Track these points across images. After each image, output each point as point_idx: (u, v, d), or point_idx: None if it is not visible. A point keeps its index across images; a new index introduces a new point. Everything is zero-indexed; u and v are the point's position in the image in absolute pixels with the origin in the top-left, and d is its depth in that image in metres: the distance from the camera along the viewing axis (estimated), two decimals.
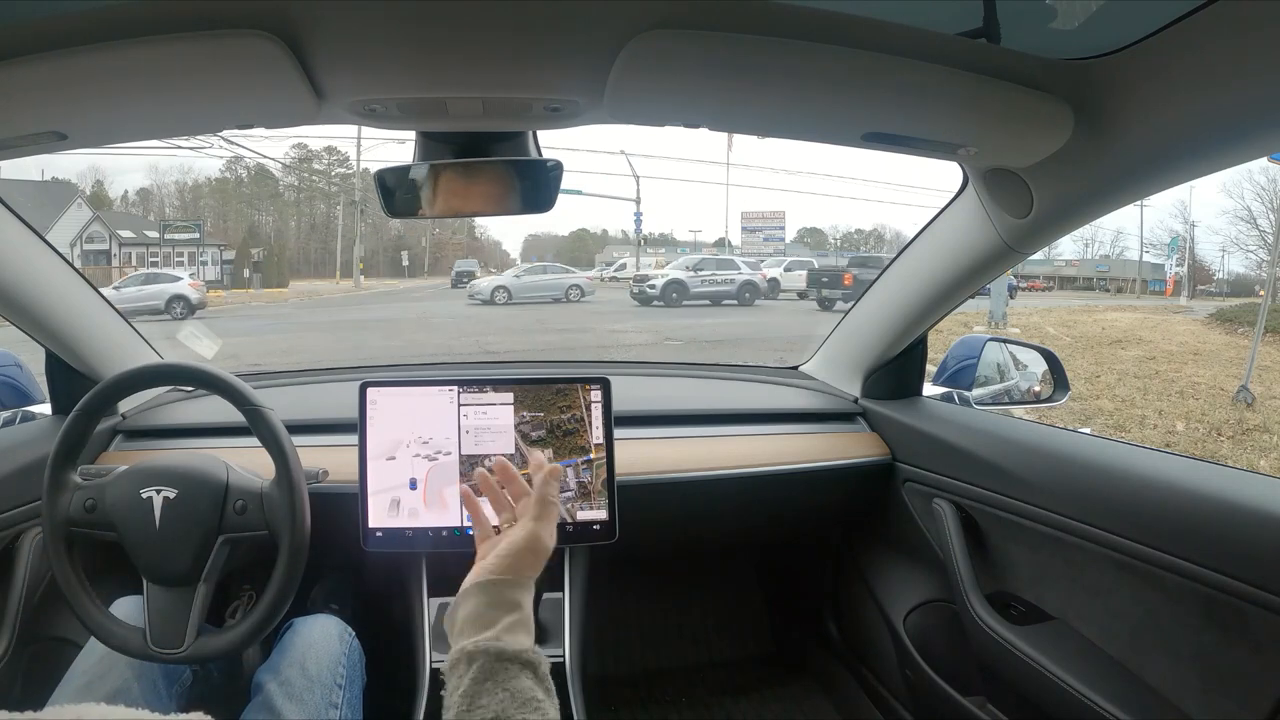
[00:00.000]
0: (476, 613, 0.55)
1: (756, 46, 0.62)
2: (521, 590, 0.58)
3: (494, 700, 0.49)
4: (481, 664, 0.51)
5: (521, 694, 0.50)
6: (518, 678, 0.51)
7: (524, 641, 0.54)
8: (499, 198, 0.86)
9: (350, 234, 26.94)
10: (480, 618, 0.55)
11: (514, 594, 0.57)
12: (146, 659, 0.83)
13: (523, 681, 0.51)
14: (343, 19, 0.60)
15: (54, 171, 23.68)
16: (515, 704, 0.49)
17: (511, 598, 0.57)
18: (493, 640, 0.52)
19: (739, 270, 15.69)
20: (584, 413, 1.07)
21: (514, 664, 0.52)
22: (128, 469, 0.88)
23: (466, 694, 0.50)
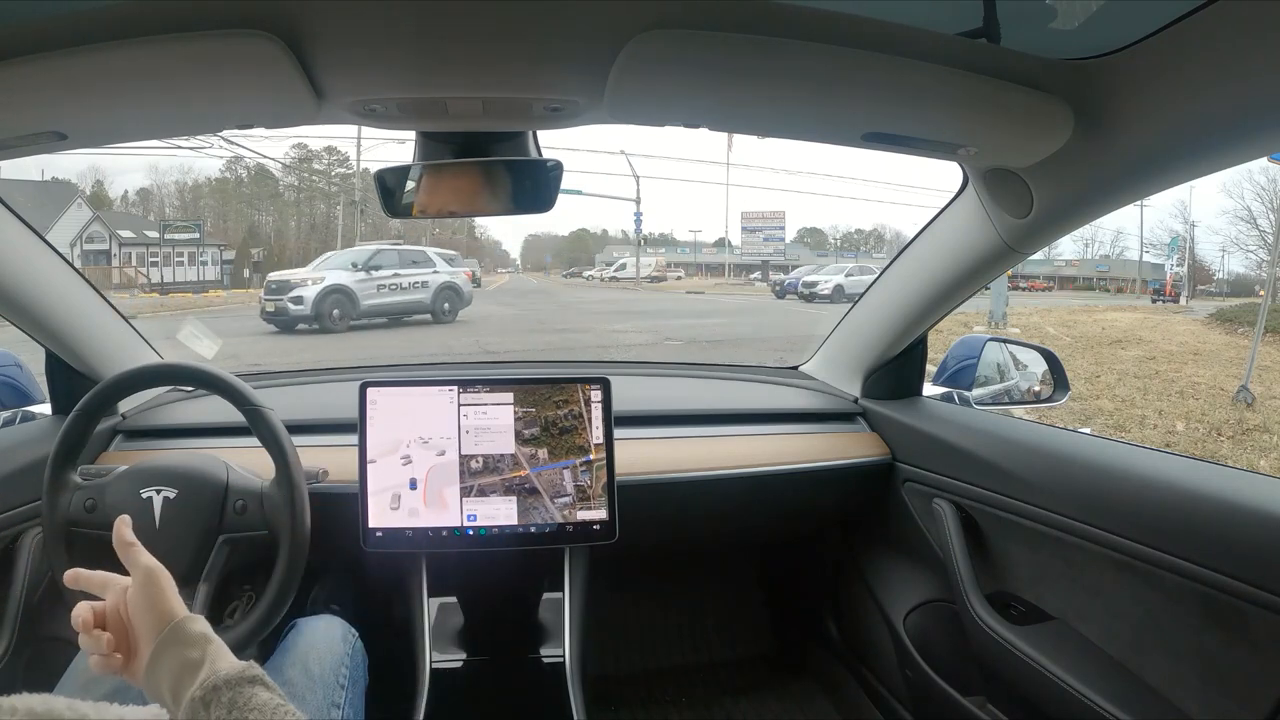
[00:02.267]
0: (177, 663, 0.54)
1: (756, 46, 0.62)
2: (190, 624, 0.56)
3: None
4: (218, 700, 0.51)
5: (267, 707, 0.51)
6: (255, 695, 0.51)
7: (236, 662, 0.54)
8: (499, 198, 0.86)
9: (350, 234, 26.92)
10: (184, 665, 0.54)
11: (190, 629, 0.56)
12: None
13: (261, 696, 0.51)
14: (343, 19, 0.60)
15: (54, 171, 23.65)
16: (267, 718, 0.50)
17: (192, 633, 0.55)
18: (210, 675, 0.52)
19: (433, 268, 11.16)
20: (583, 411, 1.07)
21: (244, 684, 0.52)
22: (128, 469, 0.88)
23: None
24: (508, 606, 1.18)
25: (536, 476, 1.05)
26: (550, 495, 1.05)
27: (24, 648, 0.97)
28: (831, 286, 16.91)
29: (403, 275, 10.88)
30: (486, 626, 1.17)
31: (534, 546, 1.05)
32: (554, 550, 1.13)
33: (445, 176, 0.84)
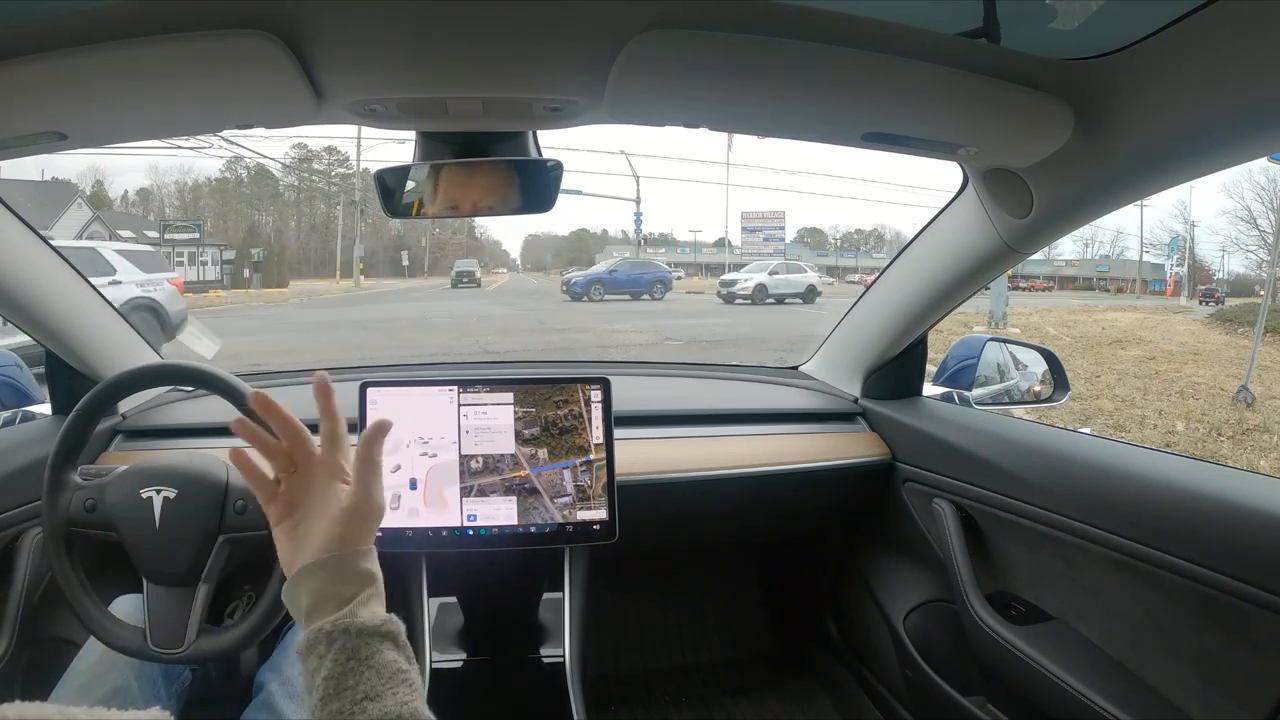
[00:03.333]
0: (325, 591, 0.52)
1: (756, 46, 0.62)
2: (368, 559, 0.55)
3: (361, 680, 0.48)
4: (342, 644, 0.49)
5: (388, 668, 0.49)
6: (380, 652, 0.50)
7: (380, 613, 0.53)
8: (499, 198, 0.86)
9: (350, 234, 26.95)
10: (331, 596, 0.52)
11: (362, 565, 0.54)
12: (146, 659, 0.83)
13: (386, 655, 0.50)
14: (343, 19, 0.60)
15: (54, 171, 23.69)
16: (383, 680, 0.49)
17: (361, 569, 0.54)
18: (348, 617, 0.51)
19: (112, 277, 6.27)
20: (583, 411, 1.07)
21: (375, 638, 0.50)
22: (128, 469, 0.88)
23: (331, 676, 0.49)
24: (508, 606, 1.18)
25: (536, 476, 1.05)
26: (550, 495, 1.05)
27: (24, 648, 0.97)
28: (753, 286, 16.02)
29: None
30: (486, 626, 1.17)
31: (534, 546, 1.05)
32: (554, 550, 1.13)
33: (445, 176, 0.84)
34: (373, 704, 0.47)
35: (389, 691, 0.48)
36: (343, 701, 0.48)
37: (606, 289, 16.65)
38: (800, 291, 16.63)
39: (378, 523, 0.57)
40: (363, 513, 0.56)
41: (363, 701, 0.47)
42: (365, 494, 0.56)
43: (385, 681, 0.49)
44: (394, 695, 0.48)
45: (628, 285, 16.89)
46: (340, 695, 0.48)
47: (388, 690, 0.48)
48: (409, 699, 0.49)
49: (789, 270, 17.78)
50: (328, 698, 0.48)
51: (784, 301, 15.92)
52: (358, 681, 0.48)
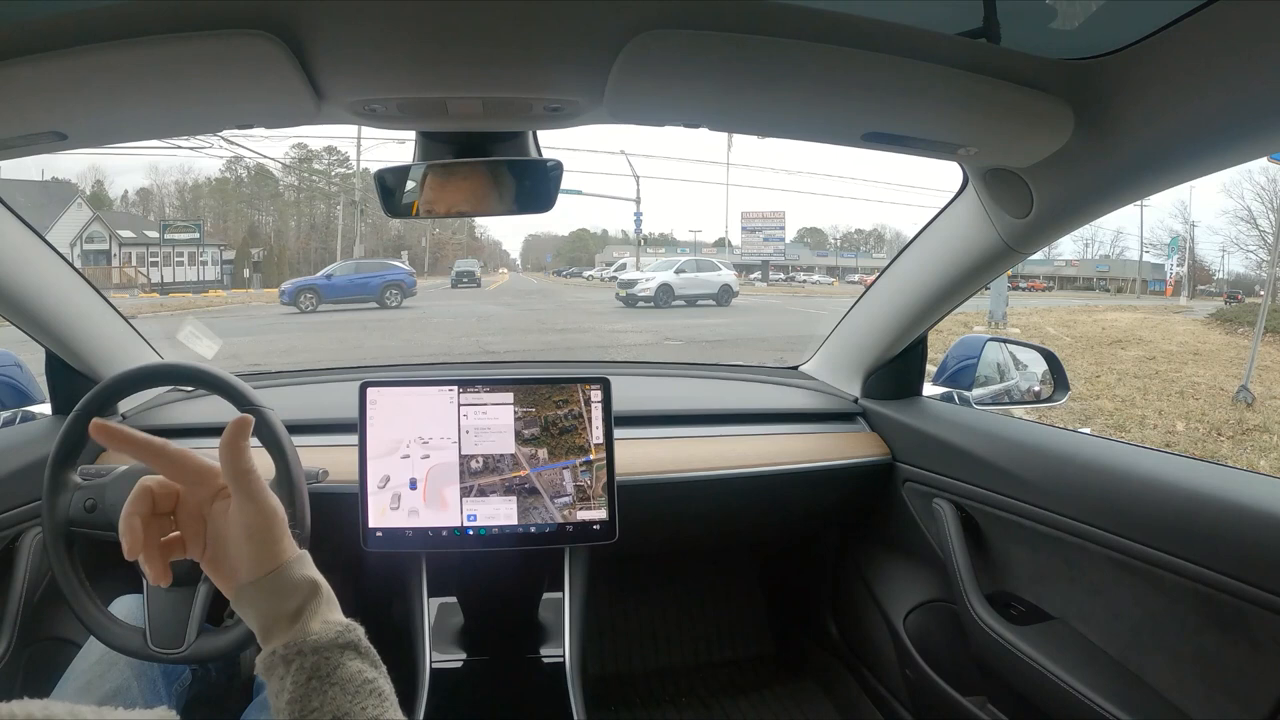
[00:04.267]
0: (271, 612, 0.48)
1: (756, 46, 0.62)
2: (302, 566, 0.50)
3: (326, 700, 0.45)
4: (298, 664, 0.46)
5: (352, 682, 0.46)
6: (342, 665, 0.46)
7: (335, 621, 0.49)
8: (499, 198, 0.86)
9: (350, 234, 26.95)
10: (279, 615, 0.48)
11: (297, 574, 0.49)
12: (146, 659, 0.83)
13: (349, 667, 0.47)
14: (343, 19, 0.60)
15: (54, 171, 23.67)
16: (349, 695, 0.45)
17: (298, 578, 0.49)
18: (301, 635, 0.47)
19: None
20: (583, 411, 1.07)
21: (334, 651, 0.47)
22: (128, 469, 0.88)
23: (294, 700, 0.45)
24: (508, 606, 1.18)
25: (536, 476, 1.05)
26: (550, 495, 1.05)
27: (24, 648, 0.97)
28: (655, 286, 13.90)
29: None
30: (486, 626, 1.17)
31: (534, 546, 1.05)
32: (554, 550, 1.13)
33: (445, 176, 0.84)
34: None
35: (357, 707, 0.45)
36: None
37: (322, 297, 13.46)
38: (713, 293, 14.80)
39: (282, 524, 0.51)
40: (261, 525, 0.49)
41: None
42: (254, 506, 0.50)
43: (352, 697, 0.46)
44: (363, 711, 0.45)
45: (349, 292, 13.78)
46: (308, 718, 0.45)
47: (355, 706, 0.45)
48: (380, 711, 0.46)
49: (700, 268, 15.92)
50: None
51: (696, 304, 14.30)
52: (323, 702, 0.45)
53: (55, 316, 1.08)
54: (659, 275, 14.91)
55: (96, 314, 1.17)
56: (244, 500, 0.50)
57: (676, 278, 14.75)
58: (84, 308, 1.14)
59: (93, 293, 1.15)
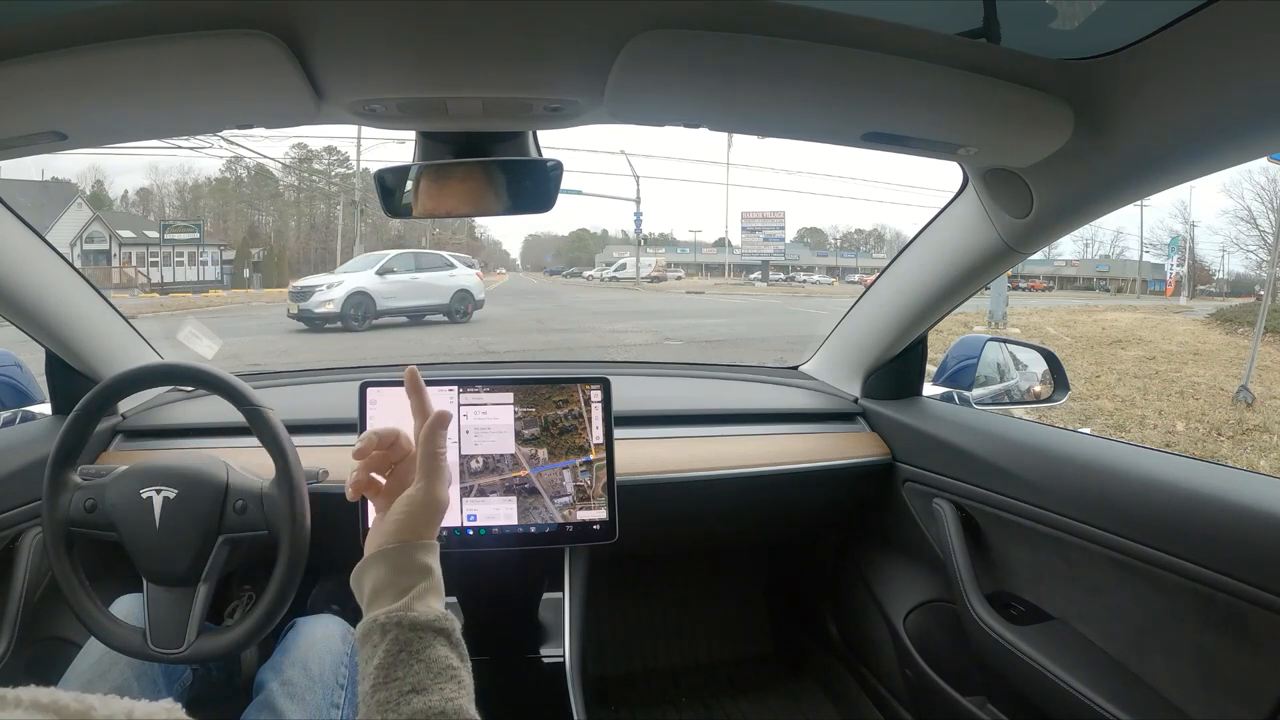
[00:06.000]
0: (385, 580, 0.54)
1: (756, 46, 0.62)
2: (427, 553, 0.56)
3: (410, 672, 0.49)
4: (395, 635, 0.50)
5: (437, 663, 0.50)
6: (432, 646, 0.50)
7: (435, 608, 0.53)
8: (499, 198, 0.86)
9: (350, 234, 26.95)
10: (389, 586, 0.53)
11: (420, 558, 0.55)
12: (146, 659, 0.83)
13: (438, 650, 0.51)
14: (343, 19, 0.60)
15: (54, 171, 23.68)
16: (431, 674, 0.49)
17: (419, 562, 0.55)
18: (403, 610, 0.51)
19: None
20: (583, 411, 1.07)
21: (428, 632, 0.51)
22: (128, 469, 0.88)
23: (382, 665, 0.49)
24: (508, 606, 1.18)
25: (536, 476, 1.05)
26: (550, 495, 1.05)
27: (24, 648, 0.97)
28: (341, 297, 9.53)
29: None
30: (486, 626, 1.16)
31: (534, 546, 1.05)
32: (554, 550, 1.13)
33: (445, 176, 0.84)
34: (419, 696, 0.48)
35: (436, 686, 0.49)
36: (390, 691, 0.48)
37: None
38: (442, 304, 10.70)
39: (440, 516, 0.57)
40: (423, 506, 0.56)
41: (409, 694, 0.48)
42: (426, 487, 0.57)
43: (434, 676, 0.49)
44: (441, 691, 0.49)
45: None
46: (389, 685, 0.48)
47: (435, 685, 0.49)
48: (455, 695, 0.49)
49: (420, 266, 11.15)
50: (377, 686, 0.49)
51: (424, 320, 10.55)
52: (406, 673, 0.49)
53: (55, 316, 1.08)
54: (350, 279, 10.16)
55: (96, 314, 1.17)
56: (423, 479, 0.57)
57: (380, 282, 10.26)
58: (84, 308, 1.14)
59: (93, 293, 1.15)
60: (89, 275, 1.16)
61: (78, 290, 1.12)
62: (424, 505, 0.56)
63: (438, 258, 12.12)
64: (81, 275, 1.12)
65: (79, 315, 1.13)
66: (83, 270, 1.16)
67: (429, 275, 11.12)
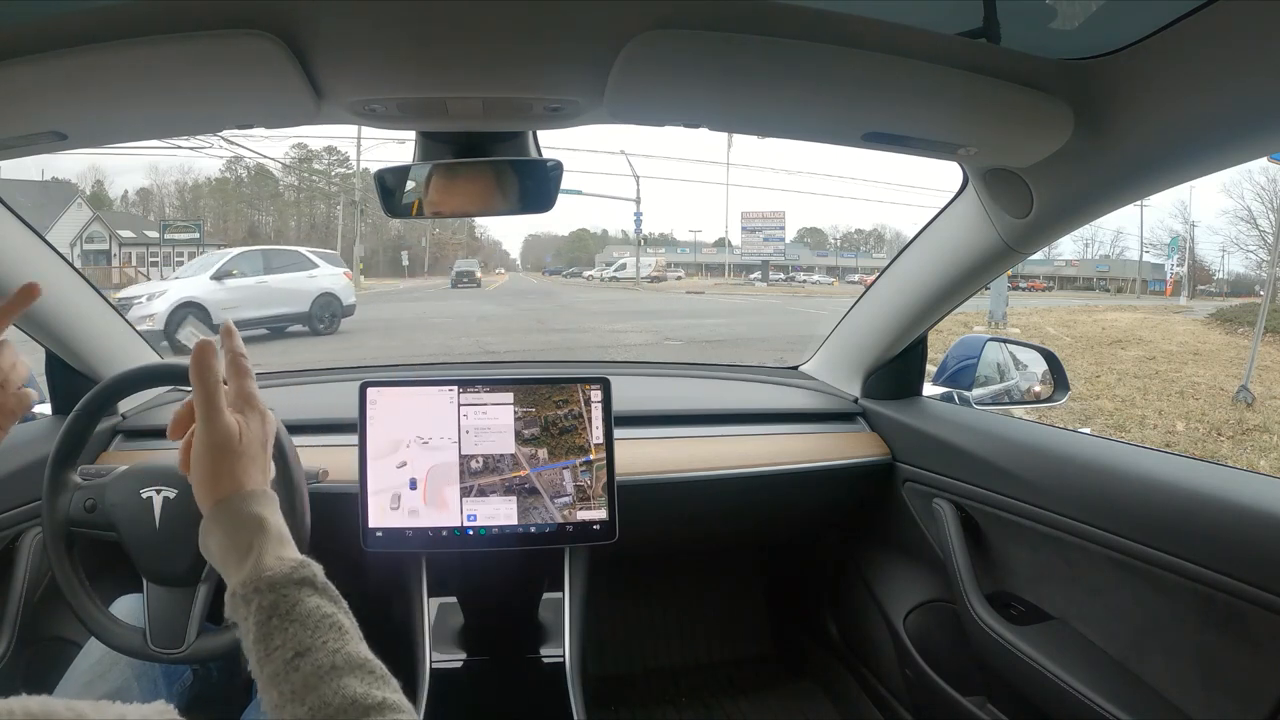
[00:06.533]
0: (224, 545, 0.48)
1: (757, 46, 0.62)
2: (253, 502, 0.49)
3: (287, 637, 0.44)
4: (257, 603, 0.45)
5: (311, 617, 0.45)
6: (300, 602, 0.46)
7: (288, 558, 0.48)
8: (499, 198, 0.86)
9: (350, 234, 26.96)
10: (230, 550, 0.48)
11: (248, 508, 0.49)
12: (146, 659, 0.83)
13: (307, 603, 0.46)
14: (343, 19, 0.60)
15: (54, 171, 23.68)
16: (309, 630, 0.45)
17: (248, 512, 0.48)
18: (253, 571, 0.46)
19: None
20: (583, 411, 1.07)
21: (289, 586, 0.46)
22: (128, 469, 0.88)
23: (258, 639, 0.45)
24: (508, 606, 1.18)
25: (536, 476, 1.05)
26: (550, 495, 1.05)
27: (24, 648, 0.97)
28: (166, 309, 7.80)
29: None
30: (486, 626, 1.17)
31: (534, 546, 1.05)
32: (554, 550, 1.13)
33: (445, 176, 0.84)
34: (304, 659, 0.44)
35: (318, 641, 0.44)
36: (275, 664, 0.44)
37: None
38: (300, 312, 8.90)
39: (235, 449, 0.50)
40: (211, 448, 0.49)
41: (294, 659, 0.44)
42: (205, 425, 0.49)
43: (311, 631, 0.45)
44: (324, 645, 0.44)
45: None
46: (271, 657, 0.44)
47: (316, 640, 0.44)
48: (340, 644, 0.45)
49: (269, 268, 9.13)
50: (261, 661, 0.45)
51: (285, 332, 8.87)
52: (284, 639, 0.44)
53: (55, 316, 1.08)
54: (176, 287, 8.43)
55: (96, 314, 1.17)
56: (201, 423, 0.49)
57: (216, 289, 8.42)
58: (84, 308, 1.14)
59: (93, 293, 1.15)
60: (89, 275, 1.16)
61: (78, 290, 1.12)
62: (208, 448, 0.49)
63: (294, 256, 9.87)
64: (81, 275, 1.12)
65: (79, 315, 1.13)
66: (83, 270, 1.16)
67: (282, 278, 9.08)
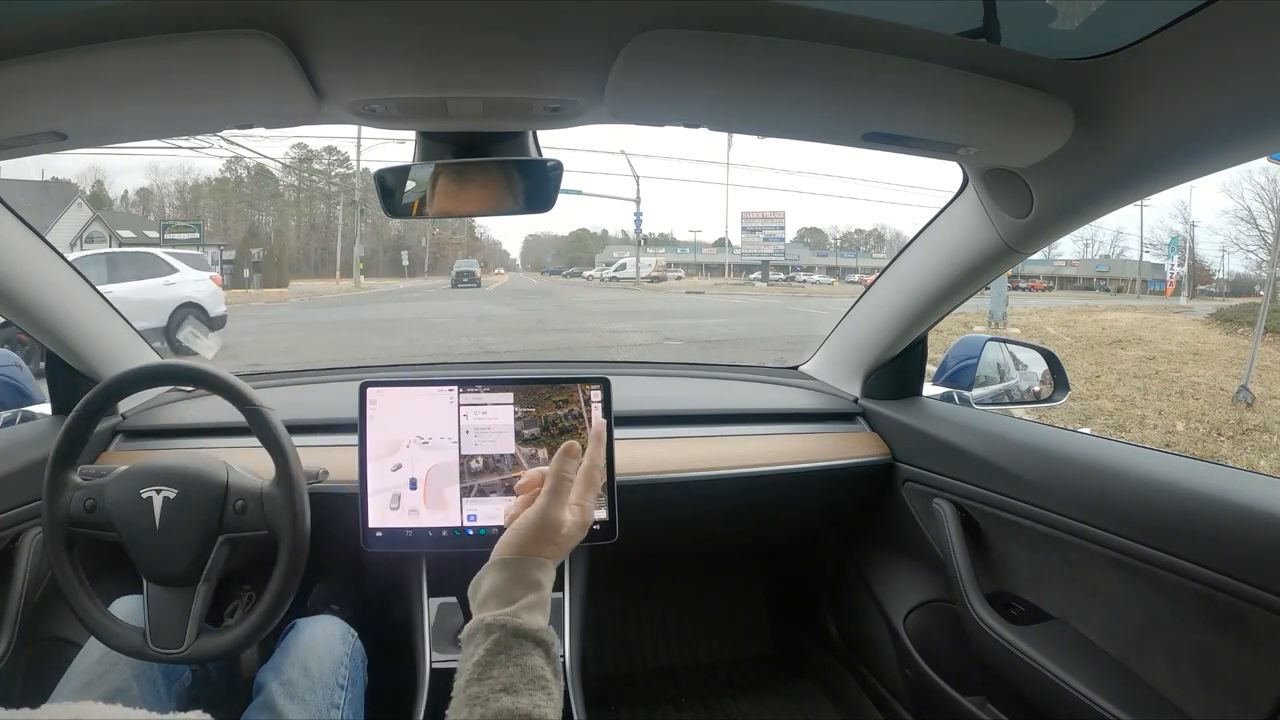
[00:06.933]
0: (498, 588, 0.57)
1: (757, 46, 0.62)
2: (541, 570, 0.58)
3: (504, 673, 0.52)
4: (497, 637, 0.53)
5: (531, 670, 0.52)
6: (530, 655, 0.53)
7: (539, 621, 0.56)
8: (499, 198, 0.86)
9: (350, 234, 26.98)
10: (502, 593, 0.56)
11: (534, 573, 0.58)
12: (146, 659, 0.83)
13: (534, 659, 0.53)
14: (343, 19, 0.60)
15: (54, 171, 23.73)
16: (524, 679, 0.52)
17: (532, 576, 0.57)
18: (510, 616, 0.54)
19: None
20: (583, 411, 1.07)
21: (528, 641, 0.53)
22: (128, 469, 0.88)
23: (480, 663, 0.52)
24: None
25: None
26: None
27: (24, 648, 0.97)
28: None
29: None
30: None
31: None
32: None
33: (445, 177, 0.84)
34: (509, 697, 0.50)
35: (527, 691, 0.51)
36: (483, 687, 0.51)
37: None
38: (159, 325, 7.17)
39: (553, 536, 0.60)
40: (539, 525, 0.59)
41: (500, 693, 0.51)
42: (545, 508, 0.60)
43: (526, 682, 0.52)
44: (531, 696, 0.51)
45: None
46: (482, 681, 0.51)
47: (526, 689, 0.51)
48: (543, 704, 0.51)
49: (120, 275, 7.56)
50: (471, 681, 0.52)
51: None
52: (501, 673, 0.51)
53: (55, 316, 1.08)
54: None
55: (96, 314, 1.17)
56: (544, 500, 0.60)
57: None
58: (84, 308, 1.14)
59: (93, 293, 1.15)
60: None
61: (78, 290, 1.12)
62: (537, 524, 0.59)
63: (147, 260, 8.25)
64: (81, 275, 1.12)
65: (79, 315, 1.13)
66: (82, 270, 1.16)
67: (130, 288, 7.34)
